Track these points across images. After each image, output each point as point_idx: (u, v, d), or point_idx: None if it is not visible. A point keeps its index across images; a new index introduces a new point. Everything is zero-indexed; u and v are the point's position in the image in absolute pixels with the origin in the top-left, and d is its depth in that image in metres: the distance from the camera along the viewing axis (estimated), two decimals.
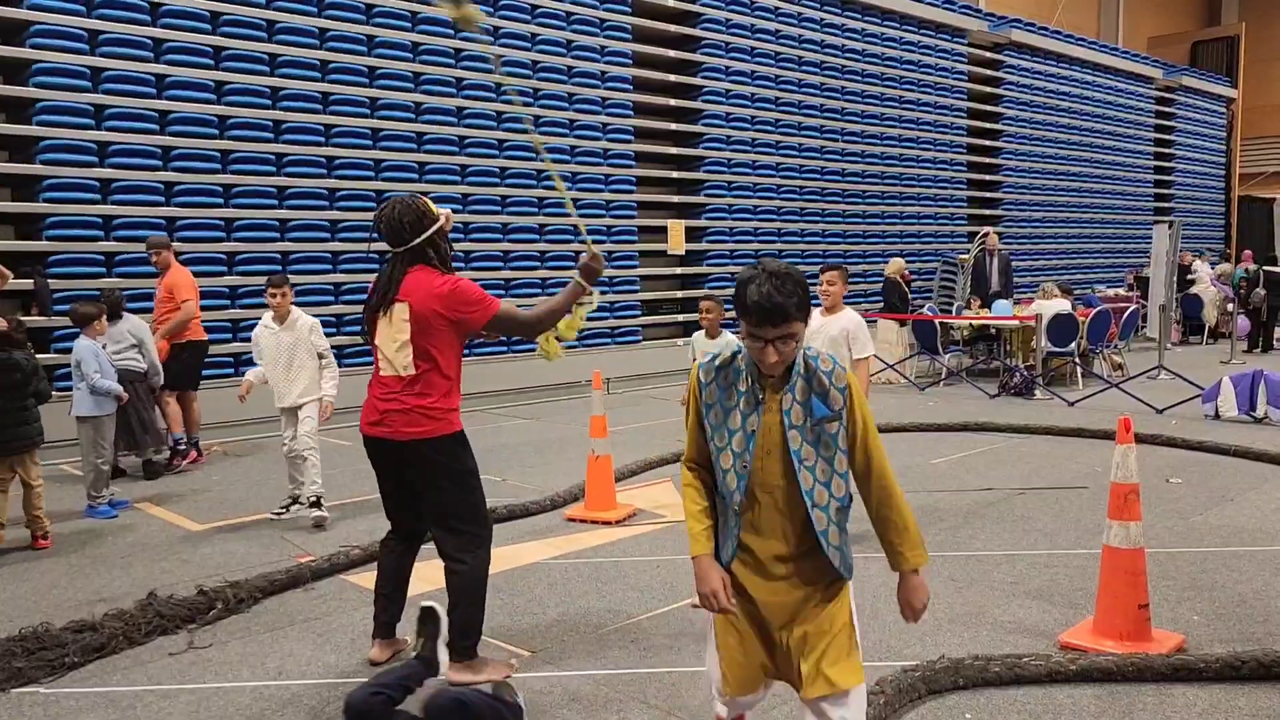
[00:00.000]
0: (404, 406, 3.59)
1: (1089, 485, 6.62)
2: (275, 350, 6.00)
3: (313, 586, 4.83)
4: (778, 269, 2.29)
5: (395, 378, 3.62)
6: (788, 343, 2.29)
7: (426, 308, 3.55)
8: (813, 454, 2.37)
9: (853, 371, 5.12)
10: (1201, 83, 25.28)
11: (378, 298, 3.65)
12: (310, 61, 9.99)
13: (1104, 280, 19.98)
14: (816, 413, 2.34)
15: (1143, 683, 3.60)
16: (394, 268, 3.65)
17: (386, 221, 3.62)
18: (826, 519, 2.43)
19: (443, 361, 3.63)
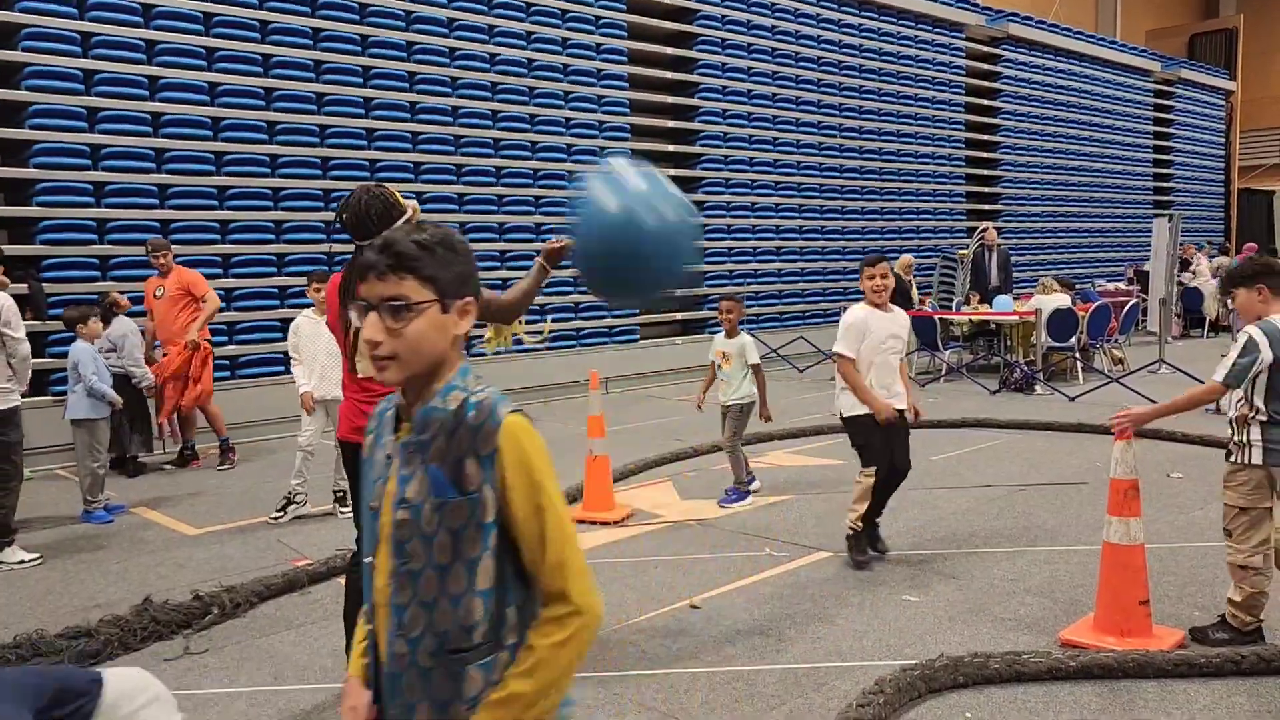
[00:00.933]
0: None
1: (1089, 481, 6.59)
2: (318, 339, 6.12)
3: (309, 590, 4.80)
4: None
5: (371, 380, 3.45)
6: (401, 317, 1.56)
7: None
8: (423, 555, 1.57)
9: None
10: (1200, 75, 25.24)
11: (346, 294, 3.44)
12: (304, 62, 9.96)
13: (1103, 274, 19.94)
14: (435, 491, 1.56)
15: (1144, 679, 3.58)
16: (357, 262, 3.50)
17: (351, 212, 3.45)
18: (420, 668, 1.58)
19: None
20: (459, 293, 1.63)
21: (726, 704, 3.47)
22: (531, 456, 1.59)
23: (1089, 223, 21.47)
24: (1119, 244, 22.13)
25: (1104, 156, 21.82)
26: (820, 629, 4.15)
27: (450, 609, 1.56)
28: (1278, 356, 3.73)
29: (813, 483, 6.88)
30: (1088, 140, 21.25)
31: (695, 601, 4.49)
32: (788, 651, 3.92)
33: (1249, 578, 3.84)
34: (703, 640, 4.06)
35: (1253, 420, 3.80)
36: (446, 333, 1.62)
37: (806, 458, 7.71)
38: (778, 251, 14.79)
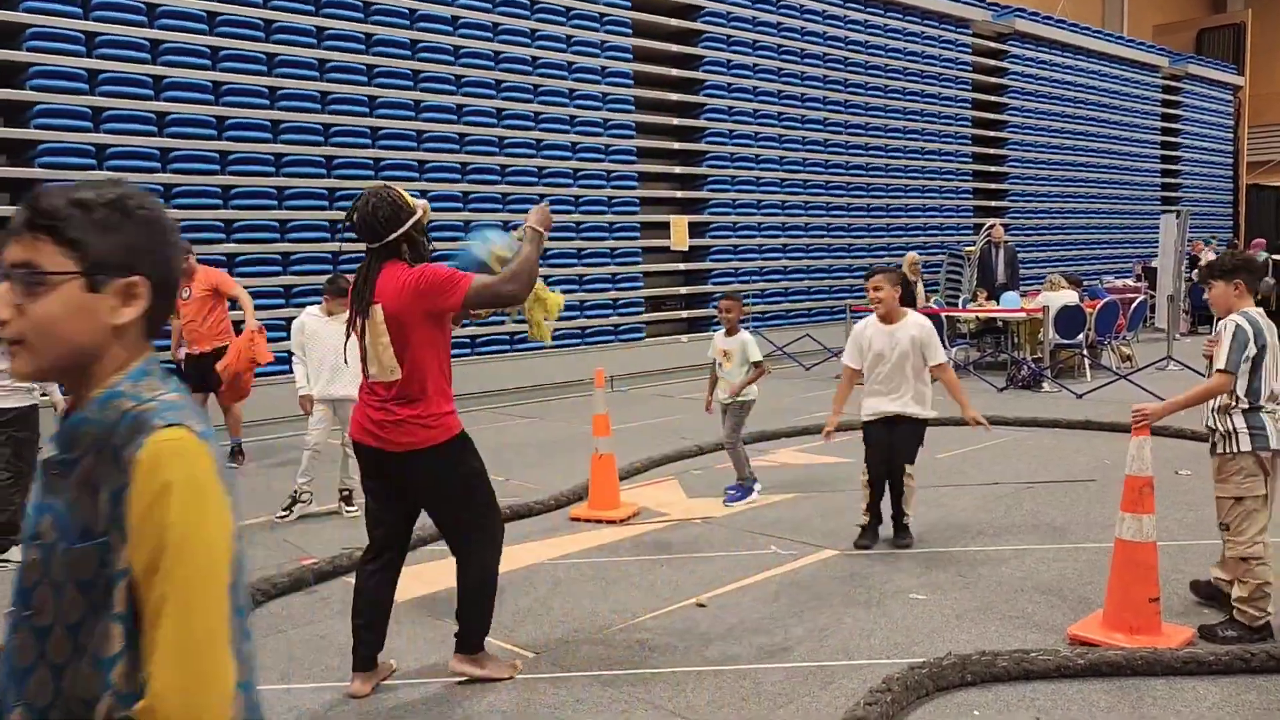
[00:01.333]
0: (396, 417, 3.42)
1: (1097, 478, 6.56)
2: (326, 339, 6.07)
3: (315, 589, 4.80)
4: None
5: (383, 384, 3.47)
6: (31, 291, 1.24)
7: (399, 305, 3.38)
8: (51, 608, 1.24)
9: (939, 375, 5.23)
10: (1208, 71, 25.12)
11: (356, 299, 3.49)
12: (309, 60, 9.97)
13: (1111, 271, 19.86)
14: (60, 529, 1.24)
15: (1153, 677, 3.55)
16: (368, 266, 3.48)
17: (360, 216, 3.44)
18: None
19: (427, 360, 3.43)
20: (121, 269, 1.26)
21: (733, 702, 3.46)
22: (172, 496, 1.18)
23: (1096, 219, 21.40)
24: (1127, 240, 22.05)
25: (1111, 153, 21.73)
26: (827, 627, 4.13)
27: (83, 677, 1.21)
28: (1260, 347, 3.88)
29: (818, 480, 6.85)
30: (1095, 136, 21.17)
31: (701, 600, 4.47)
32: (794, 650, 3.90)
33: (1252, 569, 3.84)
34: (709, 638, 4.04)
35: (1234, 409, 3.91)
36: (95, 318, 1.25)
37: (812, 455, 7.69)
38: (784, 248, 14.76)
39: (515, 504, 6.09)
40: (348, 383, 6.12)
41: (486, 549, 3.59)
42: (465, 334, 10.98)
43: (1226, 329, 3.95)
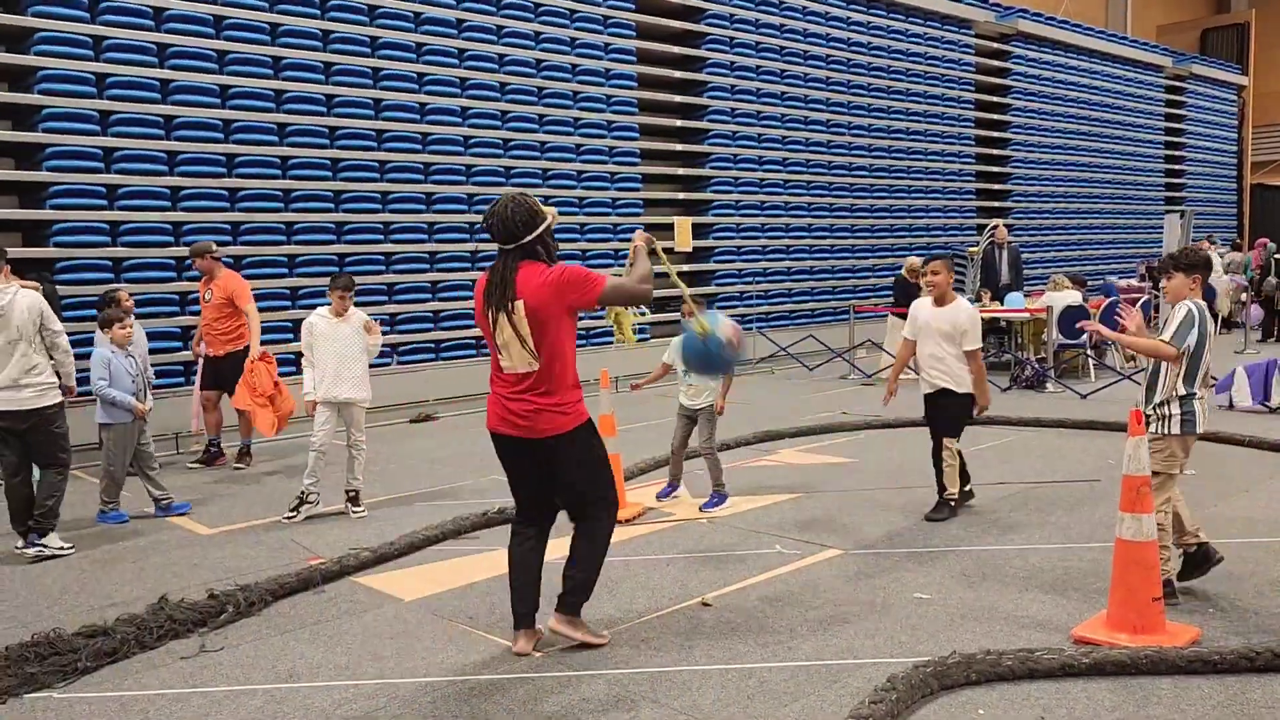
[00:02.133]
0: (534, 406, 3.77)
1: (1101, 478, 6.57)
2: (333, 340, 6.14)
3: (323, 589, 4.83)
4: None
5: (519, 375, 3.77)
6: None
7: (541, 300, 3.69)
8: None
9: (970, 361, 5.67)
10: (1212, 70, 25.11)
11: (496, 296, 3.74)
12: (314, 64, 10.01)
13: (1115, 271, 19.85)
14: None
15: (1158, 675, 3.57)
16: (505, 265, 3.77)
17: (499, 219, 3.74)
18: None
19: (562, 351, 3.77)
20: None
21: (739, 701, 3.48)
22: None
23: (1100, 219, 21.39)
24: (1131, 240, 22.04)
25: (1115, 153, 21.73)
26: (832, 626, 4.15)
27: None
28: (1201, 334, 4.24)
29: (823, 480, 6.88)
30: (1099, 136, 21.17)
31: (707, 599, 4.50)
32: (800, 649, 3.92)
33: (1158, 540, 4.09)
34: (715, 637, 4.07)
35: (1172, 396, 4.27)
36: None
37: (817, 456, 7.71)
38: (787, 249, 14.78)
39: None
40: (353, 384, 6.18)
41: (607, 523, 3.97)
42: (472, 334, 11.02)
43: (1178, 311, 4.32)
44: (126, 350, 6.35)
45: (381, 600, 4.65)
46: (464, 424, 9.76)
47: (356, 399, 6.22)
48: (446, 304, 10.88)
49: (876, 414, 9.22)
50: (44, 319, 5.46)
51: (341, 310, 6.21)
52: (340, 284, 6.23)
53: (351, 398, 6.19)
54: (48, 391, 5.45)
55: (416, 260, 10.72)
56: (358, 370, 6.20)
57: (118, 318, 6.37)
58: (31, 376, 5.37)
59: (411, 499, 6.70)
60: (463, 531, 5.71)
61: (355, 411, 6.24)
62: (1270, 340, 14.81)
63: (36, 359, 5.40)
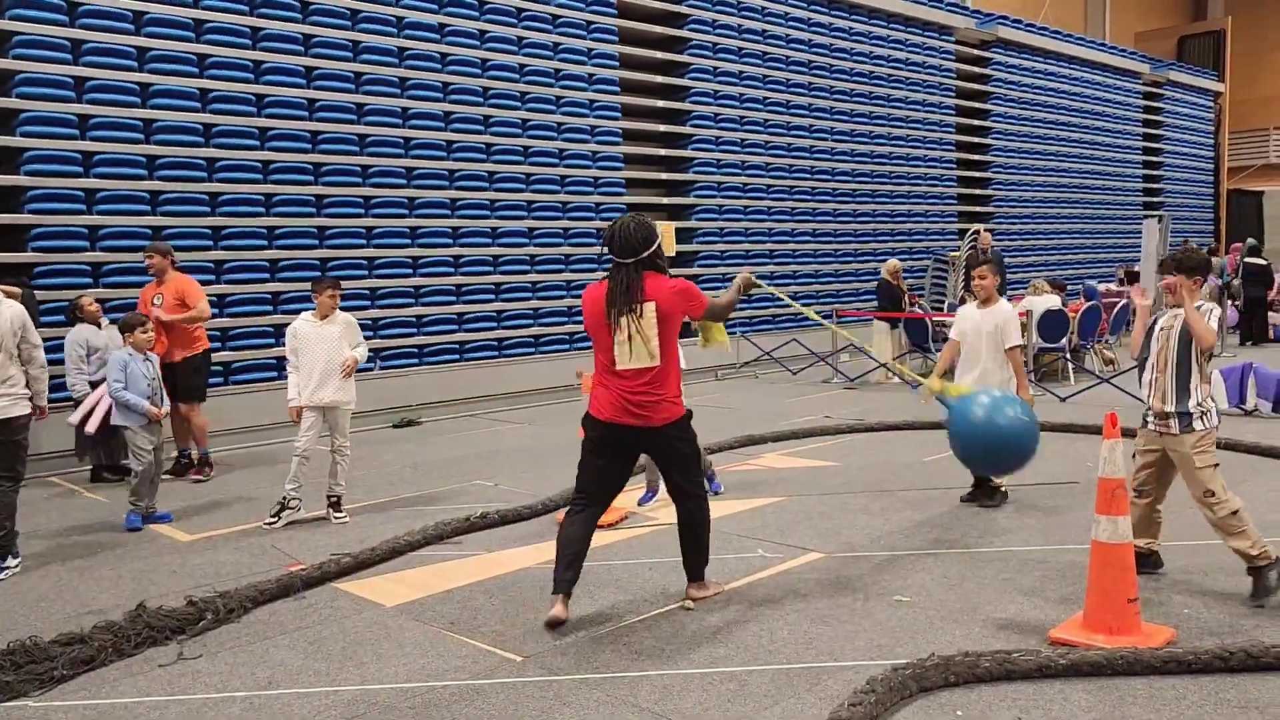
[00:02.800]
0: (654, 398, 4.28)
1: (1079, 480, 6.63)
2: (319, 343, 6.11)
3: (304, 595, 4.81)
4: None
5: (638, 370, 4.26)
6: None
7: (669, 304, 4.26)
8: None
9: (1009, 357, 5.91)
10: (1189, 77, 25.37)
11: (622, 301, 4.24)
12: (295, 68, 9.99)
13: (1094, 276, 20.01)
14: None
15: (1133, 676, 3.60)
16: (629, 275, 4.27)
17: (622, 236, 4.28)
18: None
19: (674, 349, 4.37)
20: None
21: (719, 704, 3.49)
22: None
23: (1080, 224, 21.56)
24: (1110, 245, 22.22)
25: (1094, 158, 21.92)
26: (812, 630, 4.17)
27: None
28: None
29: (805, 484, 6.90)
30: (1078, 142, 21.35)
31: (688, 603, 4.51)
32: (780, 652, 3.94)
33: (1241, 516, 4.26)
34: (695, 641, 4.08)
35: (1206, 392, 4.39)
36: None
37: (799, 459, 7.74)
38: (770, 254, 14.83)
39: (504, 509, 6.12)
40: (338, 387, 6.16)
41: (705, 497, 4.59)
42: (454, 339, 11.01)
43: (1213, 314, 4.37)
44: (145, 355, 6.31)
45: (362, 606, 4.64)
46: (447, 429, 9.74)
47: (342, 402, 6.21)
48: (429, 309, 10.87)
49: (859, 418, 9.27)
50: (24, 331, 5.39)
51: (329, 311, 6.18)
52: (327, 283, 6.22)
53: (337, 401, 6.18)
54: (19, 402, 5.37)
55: (399, 265, 10.70)
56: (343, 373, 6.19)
57: (139, 322, 6.36)
58: (5, 387, 5.31)
59: (394, 504, 6.68)
60: (445, 536, 5.70)
61: (340, 415, 6.22)
62: (1249, 344, 14.96)
63: (12, 370, 5.34)
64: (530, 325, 11.78)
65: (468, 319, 11.22)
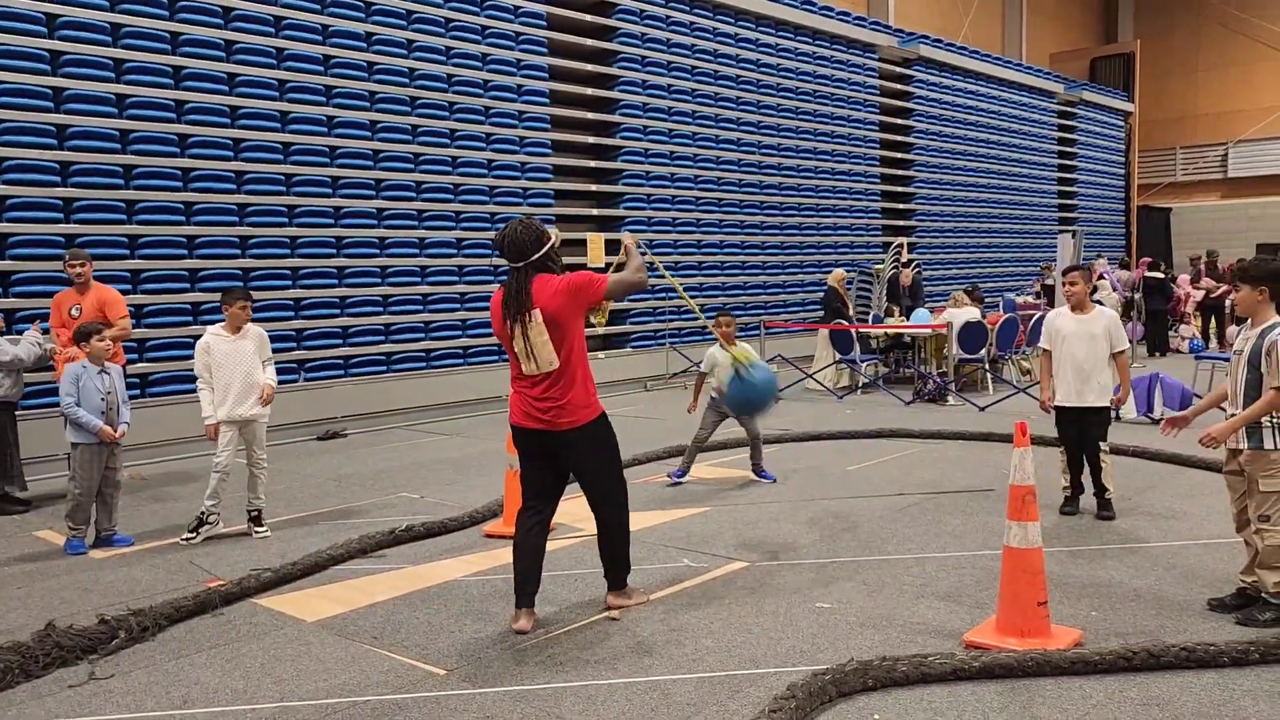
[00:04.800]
0: (559, 402, 4.26)
1: (995, 488, 6.82)
2: (235, 358, 5.98)
3: (222, 612, 4.71)
4: None
5: (540, 375, 4.25)
6: None
7: (556, 306, 4.21)
8: None
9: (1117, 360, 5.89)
10: (1100, 97, 26.31)
11: (513, 307, 4.23)
12: (218, 74, 9.79)
13: (1012, 288, 20.60)
14: None
15: (1042, 677, 3.73)
16: (519, 280, 4.25)
17: (511, 240, 4.25)
18: None
19: (576, 349, 4.30)
20: None
21: (643, 713, 3.52)
22: None
23: (998, 238, 22.18)
24: (1027, 259, 22.89)
25: (1011, 174, 22.59)
26: (736, 638, 4.22)
27: None
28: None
29: (730, 494, 6.98)
30: (996, 158, 21.98)
31: (614, 614, 4.53)
32: (704, 660, 3.98)
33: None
34: (620, 651, 4.10)
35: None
36: None
37: (725, 470, 7.82)
38: (699, 265, 14.97)
39: (429, 521, 6.07)
40: (256, 402, 6.06)
41: (625, 504, 4.55)
42: (380, 350, 10.88)
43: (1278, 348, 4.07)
44: (103, 366, 5.93)
45: (282, 622, 4.56)
46: (373, 441, 9.62)
47: (260, 416, 6.11)
48: (355, 320, 10.73)
49: (786, 428, 9.40)
50: None
51: (241, 323, 6.06)
52: (238, 295, 6.04)
53: (255, 415, 6.08)
54: None
55: (324, 275, 10.54)
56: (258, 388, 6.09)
57: (94, 330, 5.93)
58: None
59: (316, 518, 6.58)
60: (369, 550, 5.64)
61: (257, 428, 6.12)
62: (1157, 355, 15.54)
63: None
64: (459, 336, 11.70)
65: (395, 330, 11.10)
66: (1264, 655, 3.79)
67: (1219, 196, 28.85)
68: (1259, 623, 4.16)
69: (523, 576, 4.39)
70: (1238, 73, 28.55)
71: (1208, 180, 29.25)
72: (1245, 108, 28.38)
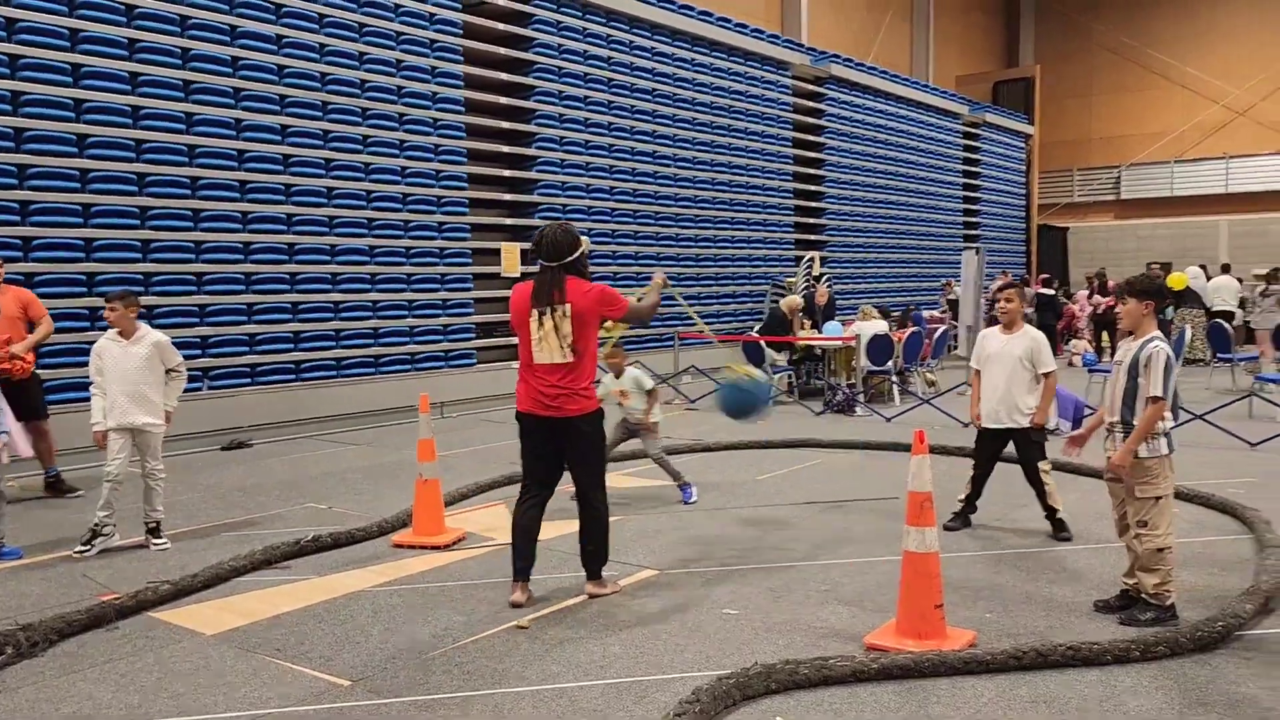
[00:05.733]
0: (568, 391, 4.65)
1: (899, 495, 6.99)
2: (125, 363, 5.81)
3: (117, 626, 4.57)
4: None
5: (554, 365, 4.64)
6: None
7: (585, 307, 4.64)
8: None
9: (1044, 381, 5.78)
10: (1003, 119, 27.29)
11: (544, 299, 4.64)
12: (120, 74, 9.49)
13: (920, 302, 21.19)
14: None
15: (938, 677, 3.86)
16: (553, 277, 4.68)
17: (550, 241, 4.71)
18: None
19: (590, 349, 4.71)
20: None
21: None
22: None
23: (906, 253, 22.80)
24: (934, 274, 23.57)
25: (919, 192, 23.25)
26: (644, 644, 4.27)
27: None
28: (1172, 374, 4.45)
29: (638, 502, 7.04)
30: (904, 176, 22.61)
31: (523, 622, 4.53)
32: (612, 667, 4.02)
33: (1164, 558, 4.38)
34: (529, 659, 4.11)
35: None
36: None
37: (637, 479, 7.88)
38: (614, 276, 15.03)
39: (336, 531, 5.98)
40: (148, 409, 5.87)
41: (605, 494, 4.90)
42: (290, 359, 10.65)
43: (1156, 360, 4.35)
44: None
45: (181, 635, 4.45)
46: (280, 451, 9.41)
47: (150, 426, 5.92)
48: (263, 327, 10.49)
49: (698, 438, 9.51)
50: None
51: (125, 328, 5.87)
52: (115, 297, 5.84)
53: (145, 424, 5.89)
54: None
55: (231, 281, 10.28)
56: (152, 394, 5.91)
57: None
58: None
59: (219, 529, 6.42)
60: (273, 561, 5.53)
61: (150, 438, 5.93)
62: None
63: None
64: (370, 345, 11.53)
65: (304, 338, 10.88)
66: (1144, 653, 4.00)
67: (1113, 217, 30.16)
68: (1140, 622, 4.37)
69: (517, 553, 4.79)
70: (1130, 99, 29.91)
71: (1102, 201, 30.55)
72: (1136, 132, 29.75)
